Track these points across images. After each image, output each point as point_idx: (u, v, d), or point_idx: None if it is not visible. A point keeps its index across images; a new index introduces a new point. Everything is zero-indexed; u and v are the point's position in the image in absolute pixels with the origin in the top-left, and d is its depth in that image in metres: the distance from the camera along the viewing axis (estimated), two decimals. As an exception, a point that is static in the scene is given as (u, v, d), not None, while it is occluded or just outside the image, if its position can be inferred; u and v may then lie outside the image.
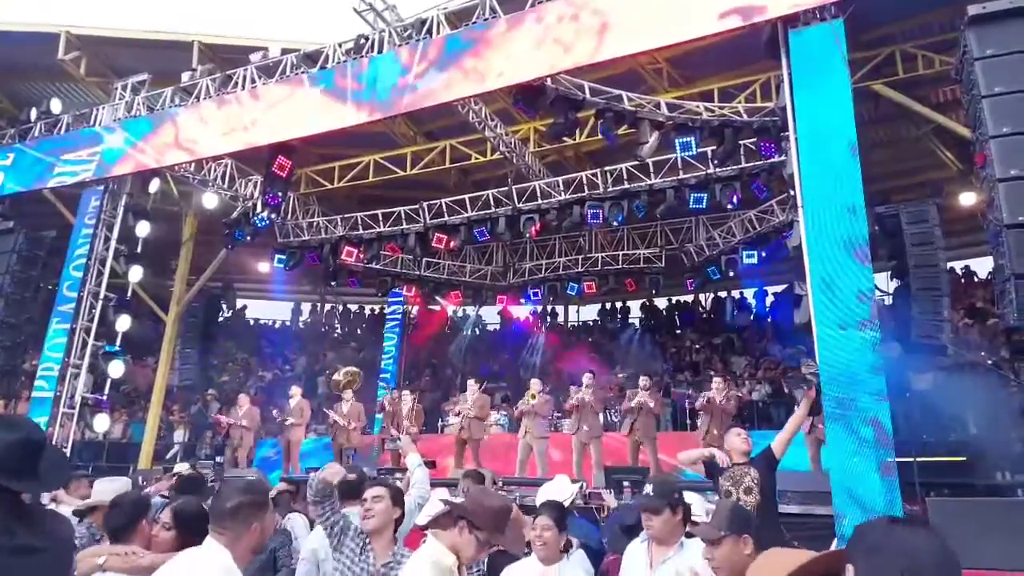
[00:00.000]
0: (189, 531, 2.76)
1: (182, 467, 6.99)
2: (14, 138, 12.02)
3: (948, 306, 8.41)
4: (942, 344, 8.19)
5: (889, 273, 9.64)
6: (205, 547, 2.25)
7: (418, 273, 15.98)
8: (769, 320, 16.61)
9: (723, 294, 18.42)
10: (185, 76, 10.64)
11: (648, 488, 3.28)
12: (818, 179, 6.20)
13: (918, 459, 7.36)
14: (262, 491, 2.45)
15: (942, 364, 10.85)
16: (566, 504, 3.96)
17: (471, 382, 10.81)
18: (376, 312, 20.99)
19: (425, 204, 13.37)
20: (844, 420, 5.55)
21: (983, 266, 14.70)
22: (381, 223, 13.90)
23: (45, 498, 4.83)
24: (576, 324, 21.23)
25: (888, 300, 10.54)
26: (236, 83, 10.12)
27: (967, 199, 13.07)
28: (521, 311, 19.38)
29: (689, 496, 4.07)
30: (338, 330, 22.26)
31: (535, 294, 16.31)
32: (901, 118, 11.41)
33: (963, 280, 15.06)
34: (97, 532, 3.73)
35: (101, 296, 10.52)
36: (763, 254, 12.66)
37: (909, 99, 10.39)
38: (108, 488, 3.86)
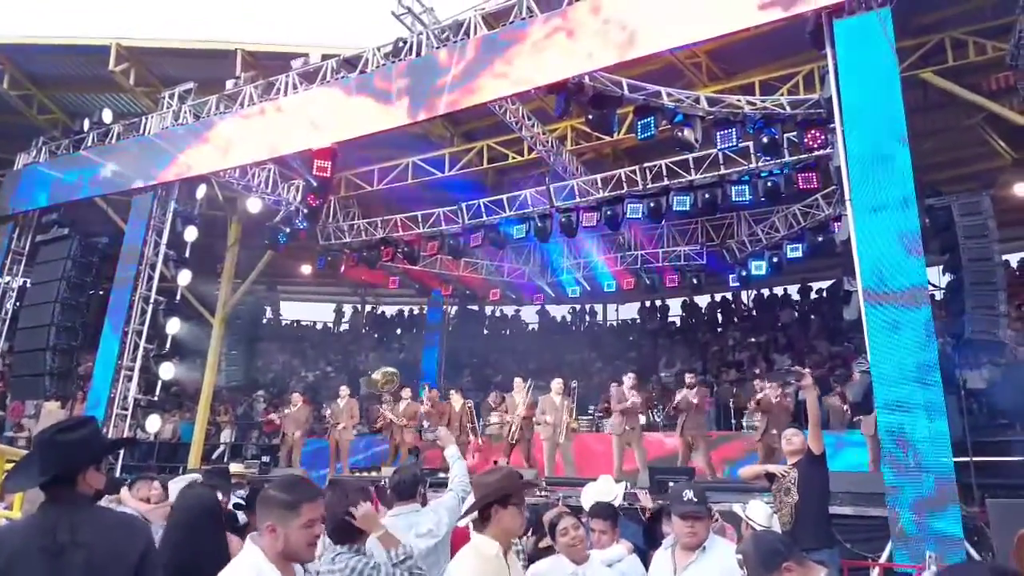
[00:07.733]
0: None
1: (237, 467, 7.07)
2: (68, 148, 12.51)
3: (1004, 300, 8.08)
4: (998, 340, 7.87)
5: (941, 267, 9.32)
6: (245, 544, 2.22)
7: (457, 274, 16.08)
8: (813, 317, 16.24)
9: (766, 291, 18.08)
10: (229, 84, 10.92)
11: (689, 494, 3.07)
12: (866, 171, 6.04)
13: (974, 459, 7.12)
14: (292, 491, 2.17)
15: (998, 361, 10.45)
16: (615, 504, 3.96)
17: (517, 380, 10.26)
18: (416, 312, 21.19)
19: (463, 204, 13.45)
20: (897, 419, 5.40)
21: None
22: (420, 224, 14.06)
23: (104, 500, 4.88)
24: (615, 323, 21.07)
25: (940, 295, 10.21)
26: (278, 89, 10.33)
27: (1022, 189, 12.56)
28: (559, 310, 19.35)
29: (756, 506, 4.04)
30: (377, 332, 22.52)
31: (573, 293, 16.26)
32: (951, 107, 11.01)
33: (1019, 274, 14.49)
34: None
35: (152, 300, 10.84)
36: (808, 249, 12.37)
37: (960, 87, 10.04)
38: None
